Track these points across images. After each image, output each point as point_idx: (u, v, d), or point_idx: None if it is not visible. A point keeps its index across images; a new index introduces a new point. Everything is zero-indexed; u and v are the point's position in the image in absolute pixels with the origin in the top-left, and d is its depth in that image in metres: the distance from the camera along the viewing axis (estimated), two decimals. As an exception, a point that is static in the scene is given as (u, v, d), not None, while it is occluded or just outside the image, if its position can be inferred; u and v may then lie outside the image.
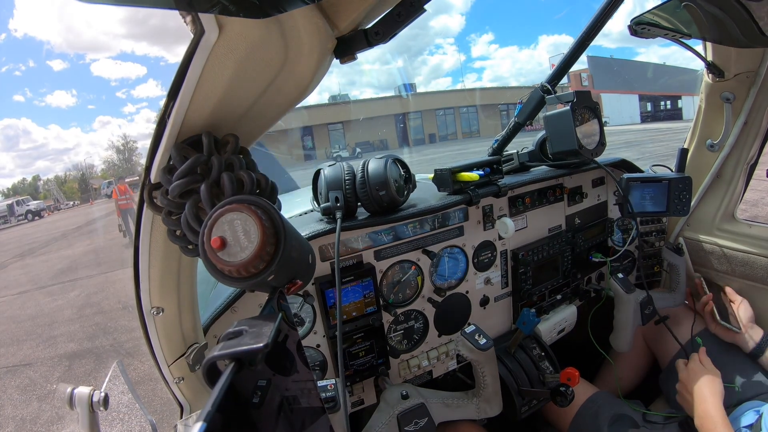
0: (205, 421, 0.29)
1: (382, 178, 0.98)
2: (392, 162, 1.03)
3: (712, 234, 1.43)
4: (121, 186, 10.33)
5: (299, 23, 0.45)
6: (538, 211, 1.34)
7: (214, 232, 0.44)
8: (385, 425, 0.99)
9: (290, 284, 0.51)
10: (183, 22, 0.43)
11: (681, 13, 0.95)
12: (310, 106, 27.61)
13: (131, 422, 2.55)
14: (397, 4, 0.48)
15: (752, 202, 5.44)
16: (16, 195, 41.73)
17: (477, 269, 1.25)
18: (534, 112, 1.28)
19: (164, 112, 0.50)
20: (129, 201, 9.91)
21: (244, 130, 0.58)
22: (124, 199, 9.98)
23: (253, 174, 0.54)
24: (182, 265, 0.70)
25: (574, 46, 1.19)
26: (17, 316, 5.62)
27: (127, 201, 9.91)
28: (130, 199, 9.91)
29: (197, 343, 0.82)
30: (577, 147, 1.14)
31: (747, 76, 1.21)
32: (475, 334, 1.01)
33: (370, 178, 0.97)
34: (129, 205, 9.96)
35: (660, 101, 32.37)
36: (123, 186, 10.32)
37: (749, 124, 1.28)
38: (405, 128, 31.06)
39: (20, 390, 3.41)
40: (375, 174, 0.98)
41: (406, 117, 31.08)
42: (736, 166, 1.35)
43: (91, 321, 4.83)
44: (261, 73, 0.50)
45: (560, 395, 1.05)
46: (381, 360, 1.13)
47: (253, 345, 0.36)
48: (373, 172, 0.98)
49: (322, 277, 1.03)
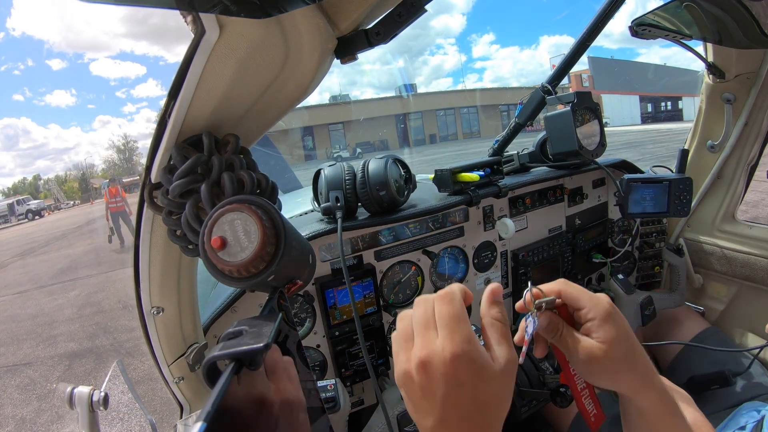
0: (205, 421, 0.29)
1: (383, 178, 0.98)
2: (392, 162, 1.03)
3: (712, 235, 1.43)
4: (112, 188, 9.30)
5: (300, 23, 0.45)
6: (538, 212, 1.34)
7: (214, 232, 0.44)
8: (385, 425, 0.99)
9: (290, 284, 0.51)
10: (183, 21, 0.43)
11: (682, 13, 0.95)
12: (311, 106, 27.64)
13: (131, 422, 2.55)
14: (398, 4, 0.48)
15: (753, 203, 5.44)
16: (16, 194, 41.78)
17: (477, 270, 1.25)
18: (534, 112, 1.28)
19: (165, 111, 0.50)
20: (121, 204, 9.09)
21: (245, 130, 0.58)
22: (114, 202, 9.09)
23: (254, 174, 0.54)
24: (182, 265, 0.70)
25: (575, 47, 1.19)
26: (17, 316, 5.62)
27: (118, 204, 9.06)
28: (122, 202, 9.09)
29: (197, 343, 0.82)
30: (577, 148, 1.14)
31: (747, 77, 1.21)
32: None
33: (371, 178, 0.97)
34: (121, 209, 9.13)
35: (661, 102, 32.38)
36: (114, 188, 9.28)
37: (750, 125, 1.28)
38: (405, 128, 31.07)
39: (20, 389, 3.41)
40: (375, 174, 0.98)
41: (406, 117, 31.10)
42: (736, 167, 1.35)
43: (91, 320, 4.83)
44: (262, 73, 0.50)
45: (560, 396, 1.05)
46: (381, 360, 1.13)
47: (253, 345, 0.36)
48: (373, 172, 0.98)
49: (322, 277, 1.03)
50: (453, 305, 0.41)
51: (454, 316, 0.40)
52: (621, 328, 0.46)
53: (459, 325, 0.40)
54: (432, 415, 0.39)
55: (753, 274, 1.31)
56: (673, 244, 1.49)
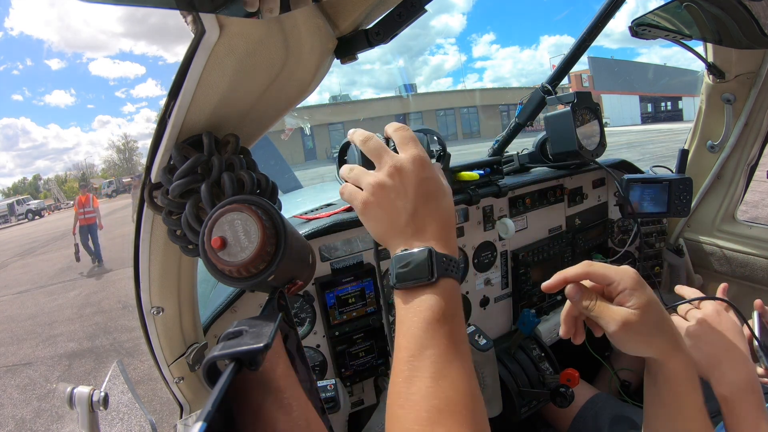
0: (205, 420, 0.29)
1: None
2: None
3: (712, 235, 1.43)
4: (82, 196, 7.36)
5: (300, 23, 0.45)
6: (538, 212, 1.34)
7: (214, 232, 0.44)
8: (385, 425, 0.99)
9: (290, 284, 0.51)
10: (183, 21, 0.43)
11: (682, 14, 0.95)
12: (311, 106, 27.62)
13: (131, 422, 2.55)
14: (398, 4, 0.48)
15: (753, 203, 5.44)
16: (16, 194, 41.82)
17: (477, 270, 1.25)
18: (534, 112, 1.28)
19: (165, 111, 0.50)
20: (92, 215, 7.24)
21: (245, 130, 0.58)
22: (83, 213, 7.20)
23: (254, 174, 0.54)
24: (182, 265, 0.70)
25: (575, 47, 1.19)
26: (17, 316, 5.62)
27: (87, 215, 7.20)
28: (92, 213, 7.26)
29: (197, 343, 0.82)
30: (577, 148, 1.14)
31: (747, 77, 1.21)
32: (475, 334, 1.01)
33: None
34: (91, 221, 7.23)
35: (661, 102, 32.39)
36: (85, 196, 7.36)
37: (750, 125, 1.28)
38: (405, 128, 31.02)
39: (20, 389, 3.42)
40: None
41: (406, 117, 31.08)
42: (736, 167, 1.35)
43: (90, 320, 4.84)
44: (262, 73, 0.50)
45: (560, 396, 1.05)
46: (381, 360, 1.13)
47: (253, 345, 0.36)
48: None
49: (322, 278, 1.03)
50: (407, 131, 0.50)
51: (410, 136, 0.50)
52: (650, 294, 0.51)
53: (414, 141, 0.49)
54: (405, 212, 0.46)
55: (753, 274, 1.31)
56: (673, 245, 1.49)
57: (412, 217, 0.46)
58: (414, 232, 0.46)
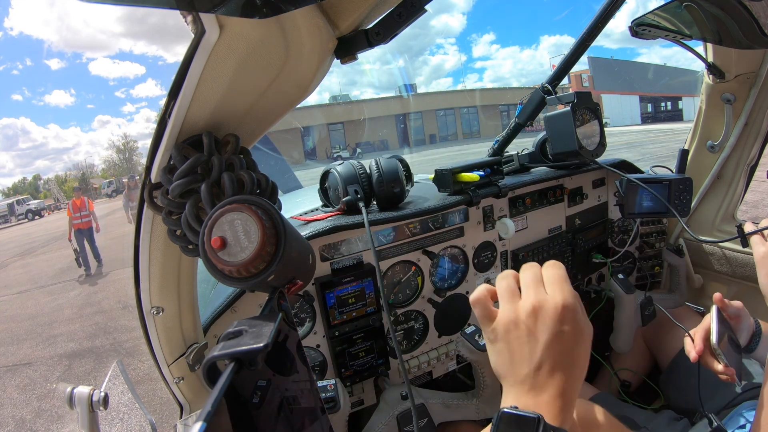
0: (204, 421, 0.29)
1: (396, 175, 1.05)
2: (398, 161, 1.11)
3: (712, 235, 1.43)
4: (76, 200, 6.96)
5: (300, 23, 0.45)
6: (538, 212, 1.34)
7: (214, 232, 0.44)
8: (385, 425, 0.99)
9: (290, 284, 0.51)
10: (183, 21, 0.43)
11: (682, 14, 0.95)
12: (311, 106, 27.63)
13: (131, 422, 2.55)
14: (398, 4, 0.48)
15: (753, 203, 5.44)
16: (16, 194, 41.81)
17: (477, 270, 1.25)
18: (534, 112, 1.28)
19: (165, 111, 0.50)
20: (87, 219, 6.98)
21: (245, 130, 0.58)
22: (79, 217, 6.91)
23: (254, 174, 0.54)
24: (182, 265, 0.70)
25: (575, 47, 1.19)
26: (17, 316, 5.62)
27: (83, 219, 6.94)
28: (88, 217, 7.00)
29: (197, 343, 0.82)
30: (577, 148, 1.14)
31: (747, 77, 1.21)
32: (475, 334, 1.01)
33: (385, 175, 1.05)
34: (86, 225, 6.97)
35: (661, 102, 32.37)
36: (80, 200, 6.97)
37: (750, 125, 1.28)
38: (405, 128, 31.05)
39: (20, 389, 3.41)
40: (389, 171, 1.06)
41: (406, 117, 31.07)
42: (736, 167, 1.35)
43: (90, 320, 4.83)
44: (262, 73, 0.50)
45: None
46: (381, 360, 1.13)
47: (253, 345, 0.36)
48: (387, 169, 1.06)
49: (322, 278, 1.03)
50: (560, 269, 0.47)
51: (562, 277, 0.46)
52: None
53: (567, 283, 0.46)
54: (529, 362, 0.42)
55: (753, 274, 1.31)
56: (673, 244, 1.49)
57: (535, 371, 0.42)
58: (531, 387, 0.42)
